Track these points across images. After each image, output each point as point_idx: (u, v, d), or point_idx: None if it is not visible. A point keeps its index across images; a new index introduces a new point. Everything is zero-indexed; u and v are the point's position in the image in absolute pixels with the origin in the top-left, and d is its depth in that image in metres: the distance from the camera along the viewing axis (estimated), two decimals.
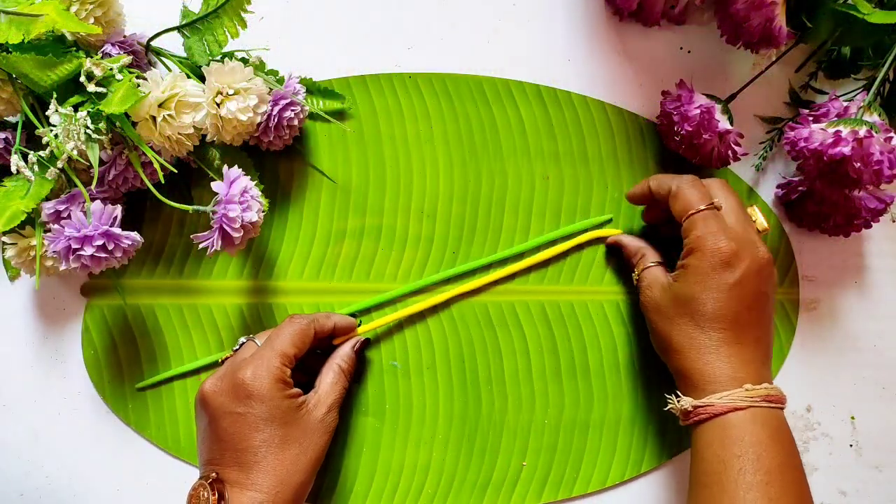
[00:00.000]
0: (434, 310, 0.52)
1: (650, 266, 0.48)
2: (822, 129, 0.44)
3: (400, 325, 0.52)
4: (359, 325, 0.50)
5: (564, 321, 0.52)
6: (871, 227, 0.50)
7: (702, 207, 0.44)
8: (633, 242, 0.50)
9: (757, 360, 0.42)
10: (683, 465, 0.52)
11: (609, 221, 0.53)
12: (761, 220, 0.47)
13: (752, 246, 0.43)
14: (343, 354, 0.48)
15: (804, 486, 0.41)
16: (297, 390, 0.44)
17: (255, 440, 0.42)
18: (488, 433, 0.51)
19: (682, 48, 0.54)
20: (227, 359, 0.47)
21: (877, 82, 0.46)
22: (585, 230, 0.53)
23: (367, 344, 0.51)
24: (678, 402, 0.43)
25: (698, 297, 0.43)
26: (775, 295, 0.45)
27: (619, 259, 0.53)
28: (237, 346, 0.47)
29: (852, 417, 0.53)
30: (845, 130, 0.43)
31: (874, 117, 0.44)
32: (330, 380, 0.46)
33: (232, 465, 0.42)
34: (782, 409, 0.42)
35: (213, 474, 0.41)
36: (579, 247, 0.53)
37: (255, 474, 0.41)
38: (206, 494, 0.40)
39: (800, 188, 0.51)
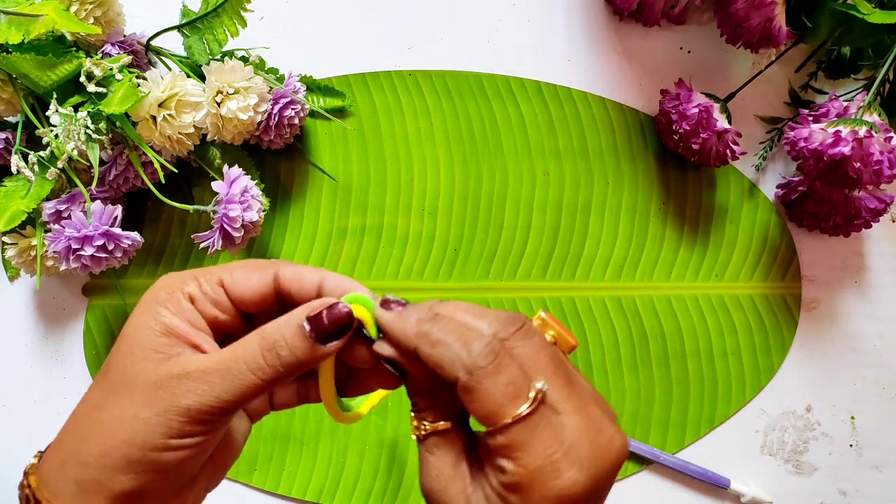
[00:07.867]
0: None
1: (437, 431, 0.28)
2: (821, 129, 0.45)
3: None
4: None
5: (566, 317, 0.53)
6: (871, 227, 0.50)
7: (522, 411, 0.25)
8: (420, 373, 0.27)
9: None
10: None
11: None
12: (564, 337, 0.28)
13: (600, 447, 0.25)
14: (284, 325, 0.27)
15: None
16: (183, 330, 0.29)
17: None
18: None
19: (681, 48, 0.54)
20: None
21: (877, 82, 0.46)
22: None
23: (343, 324, 0.27)
24: None
25: None
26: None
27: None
28: None
29: (852, 417, 0.53)
30: (845, 130, 0.43)
31: (874, 117, 0.45)
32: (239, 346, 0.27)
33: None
34: None
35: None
36: (579, 244, 0.53)
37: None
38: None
39: (800, 188, 0.51)
